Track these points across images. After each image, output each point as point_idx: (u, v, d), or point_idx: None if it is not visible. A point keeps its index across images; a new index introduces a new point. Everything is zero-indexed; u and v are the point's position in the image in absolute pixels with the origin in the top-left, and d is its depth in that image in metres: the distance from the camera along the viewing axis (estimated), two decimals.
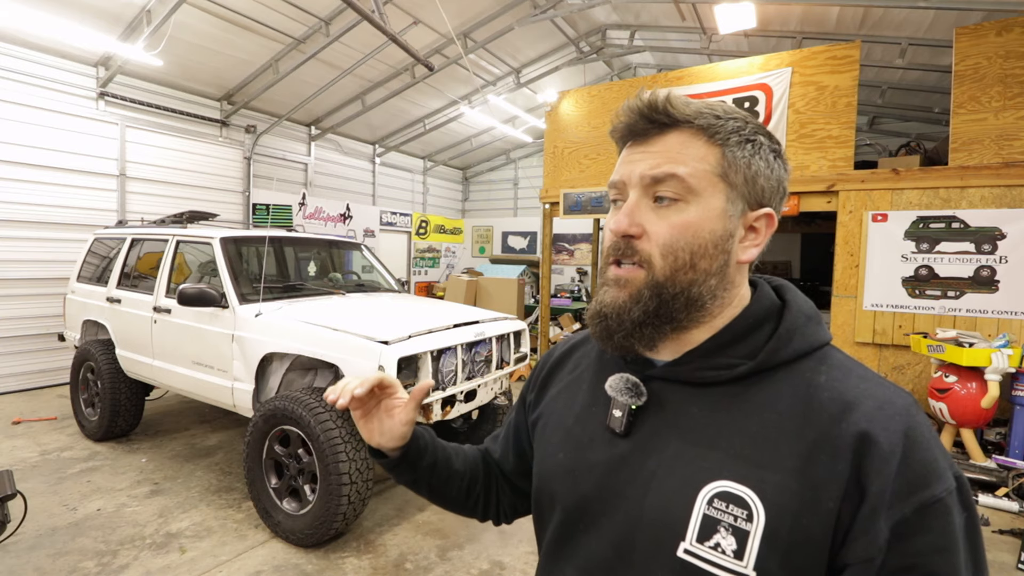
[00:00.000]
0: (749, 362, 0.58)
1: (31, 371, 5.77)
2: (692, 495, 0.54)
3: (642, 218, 0.59)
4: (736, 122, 0.59)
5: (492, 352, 3.45)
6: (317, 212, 9.00)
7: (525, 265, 9.69)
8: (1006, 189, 4.31)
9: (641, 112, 0.60)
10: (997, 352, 3.72)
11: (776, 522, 0.50)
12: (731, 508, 0.52)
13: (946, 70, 5.64)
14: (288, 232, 4.57)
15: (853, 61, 4.93)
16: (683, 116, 0.58)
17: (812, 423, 0.53)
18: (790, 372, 0.57)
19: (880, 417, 0.51)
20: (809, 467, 0.51)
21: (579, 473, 0.64)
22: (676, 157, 0.58)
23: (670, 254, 0.58)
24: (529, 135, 10.58)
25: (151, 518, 3.11)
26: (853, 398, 0.53)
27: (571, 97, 6.75)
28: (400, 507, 3.34)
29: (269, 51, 6.55)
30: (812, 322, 0.61)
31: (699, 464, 0.56)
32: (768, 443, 0.54)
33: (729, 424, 0.56)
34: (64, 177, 5.85)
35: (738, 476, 0.53)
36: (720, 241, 0.59)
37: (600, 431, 0.65)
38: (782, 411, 0.55)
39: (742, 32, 6.34)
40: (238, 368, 3.26)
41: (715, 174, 0.58)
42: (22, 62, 5.52)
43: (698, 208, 0.58)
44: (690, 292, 0.59)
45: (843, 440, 0.51)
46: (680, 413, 0.60)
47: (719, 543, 0.52)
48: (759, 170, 0.59)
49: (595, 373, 0.72)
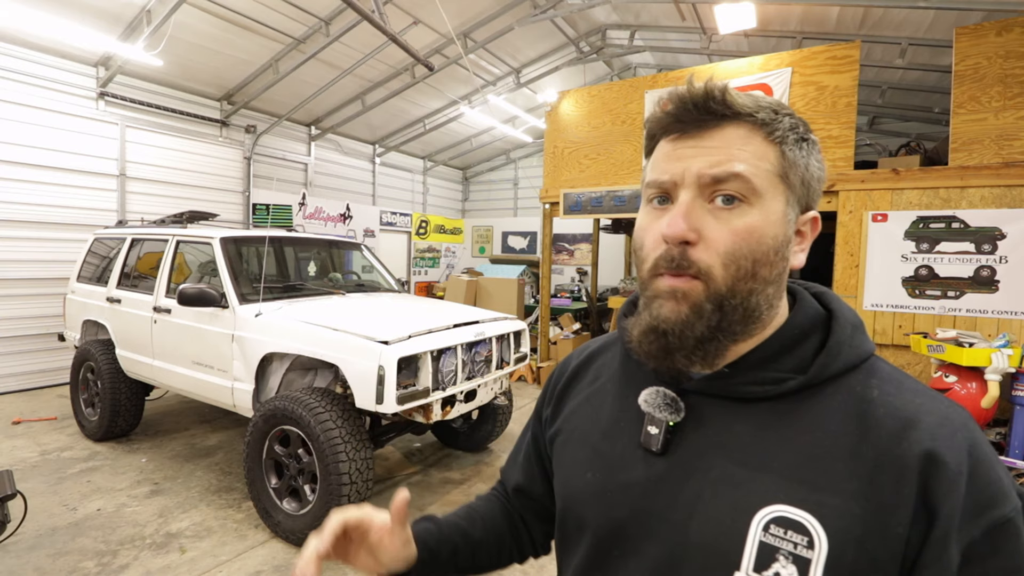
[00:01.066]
0: (799, 376, 0.54)
1: (31, 371, 5.77)
2: (746, 520, 0.50)
3: (699, 222, 0.53)
4: (792, 119, 0.55)
5: (492, 352, 3.45)
6: (317, 212, 9.00)
7: (525, 265, 9.69)
8: (1006, 189, 4.32)
9: (696, 102, 0.53)
10: (997, 352, 3.72)
11: (839, 549, 0.47)
12: (790, 535, 0.48)
13: (946, 70, 5.65)
14: (288, 232, 4.57)
15: (853, 61, 4.93)
16: (744, 108, 0.53)
17: (869, 442, 0.49)
18: (839, 387, 0.54)
19: (943, 435, 0.48)
20: (872, 489, 0.48)
21: (612, 495, 0.59)
22: (738, 154, 0.52)
23: (732, 263, 0.52)
24: (529, 135, 10.58)
25: (151, 518, 3.11)
26: (911, 414, 0.50)
27: (571, 97, 6.75)
28: None
29: (269, 51, 6.55)
30: (858, 332, 0.57)
31: (750, 487, 0.51)
32: (824, 464, 0.50)
33: (779, 443, 0.52)
34: (64, 177, 5.85)
35: (795, 500, 0.49)
36: (781, 247, 0.54)
37: (632, 449, 0.60)
38: (835, 429, 0.51)
39: (742, 32, 6.34)
40: (238, 368, 3.26)
41: (776, 174, 0.54)
42: (22, 62, 5.52)
43: (761, 211, 0.53)
44: (749, 302, 0.54)
45: (907, 460, 0.47)
46: (723, 430, 0.55)
47: (779, 573, 0.48)
48: (812, 171, 0.56)
49: (620, 385, 0.67)
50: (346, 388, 3.09)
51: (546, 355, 6.98)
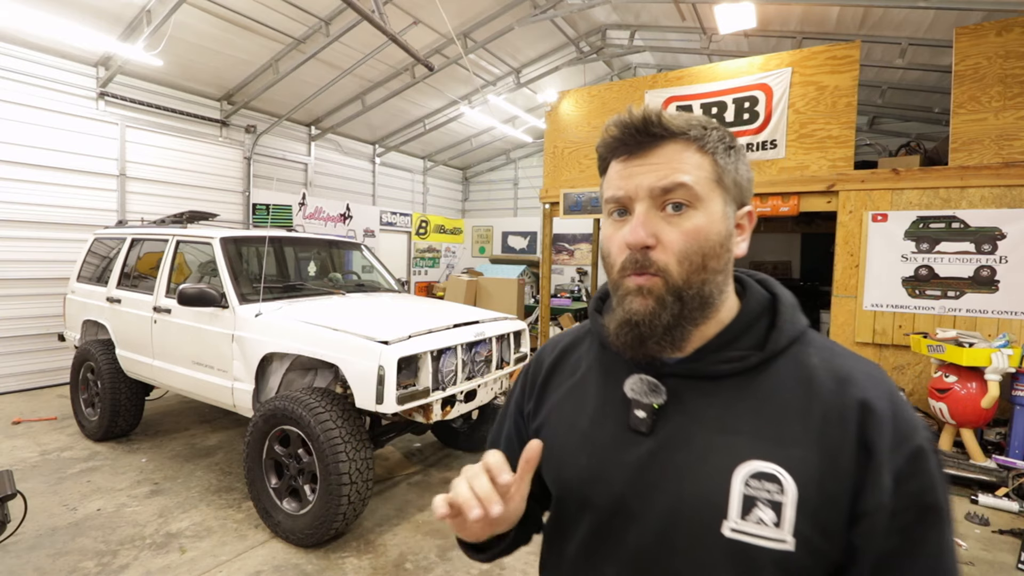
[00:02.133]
0: (758, 353, 0.64)
1: (31, 371, 5.77)
2: (727, 477, 0.59)
3: (655, 228, 0.62)
4: (719, 131, 0.65)
5: (492, 352, 3.45)
6: (317, 212, 9.00)
7: (525, 265, 9.69)
8: (1006, 189, 4.31)
9: (636, 127, 0.63)
10: (997, 352, 3.72)
11: (804, 491, 0.57)
12: (765, 484, 0.58)
13: (946, 70, 5.65)
14: (288, 232, 4.57)
15: (853, 61, 4.93)
16: (677, 128, 0.62)
17: (817, 399, 0.60)
18: (787, 358, 0.64)
19: (871, 387, 0.60)
20: (823, 438, 0.58)
21: (610, 474, 0.66)
22: (679, 167, 0.62)
23: (685, 260, 0.62)
24: (529, 135, 10.58)
25: (151, 518, 3.11)
26: (845, 373, 0.61)
27: (571, 97, 6.75)
28: (400, 507, 3.34)
29: (269, 51, 6.55)
30: (796, 311, 0.68)
31: (728, 450, 0.61)
32: (785, 423, 0.60)
33: (747, 411, 0.62)
34: (64, 177, 5.85)
35: (766, 456, 0.59)
36: (724, 240, 0.64)
37: (620, 432, 0.67)
38: (789, 393, 0.62)
39: (742, 32, 6.34)
40: (238, 368, 3.26)
41: (712, 180, 0.63)
42: (22, 62, 5.53)
43: (705, 213, 0.62)
44: (703, 291, 0.63)
45: (847, 409, 0.59)
46: (700, 406, 0.64)
47: (760, 517, 0.57)
48: (741, 173, 0.66)
49: (601, 375, 0.73)
50: (346, 388, 3.09)
51: None
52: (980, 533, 3.14)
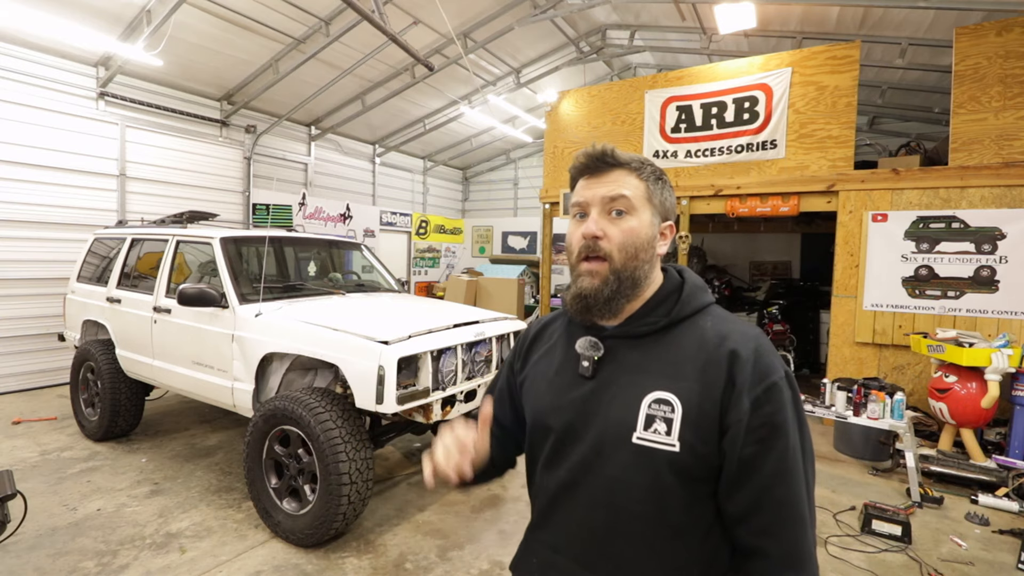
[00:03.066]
0: (665, 319, 0.89)
1: (31, 371, 5.77)
2: (637, 403, 0.84)
3: (604, 226, 0.89)
4: (651, 167, 0.92)
5: (492, 352, 3.45)
6: (317, 212, 9.00)
7: (525, 265, 9.69)
8: (1006, 189, 4.31)
9: (598, 158, 0.91)
10: (997, 352, 3.72)
11: (687, 409, 0.81)
12: (661, 407, 0.83)
13: (946, 70, 5.64)
14: (288, 232, 4.57)
15: (853, 61, 4.93)
16: (623, 161, 0.91)
17: (703, 350, 0.85)
18: (690, 323, 0.89)
19: (741, 340, 0.84)
20: (703, 376, 0.82)
21: (564, 407, 0.93)
22: (623, 185, 0.89)
23: (623, 249, 0.88)
24: (529, 135, 10.58)
25: (151, 518, 3.11)
26: (726, 332, 0.86)
27: (571, 97, 6.75)
28: (400, 507, 3.34)
29: (269, 51, 6.55)
30: (701, 291, 0.94)
31: (640, 384, 0.86)
32: (680, 366, 0.85)
33: (656, 359, 0.88)
34: (64, 177, 5.85)
35: (664, 387, 0.84)
36: (650, 239, 0.91)
37: (573, 377, 0.94)
38: (687, 346, 0.86)
39: (742, 32, 6.34)
40: (238, 368, 3.26)
41: (644, 197, 0.90)
42: (22, 62, 5.52)
43: (638, 219, 0.89)
44: (635, 274, 0.89)
45: (721, 356, 0.82)
46: (625, 357, 0.90)
47: (657, 428, 0.82)
48: (666, 197, 0.94)
49: (565, 340, 1.00)
50: (346, 388, 3.09)
51: None
52: (980, 533, 3.14)
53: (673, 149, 5.99)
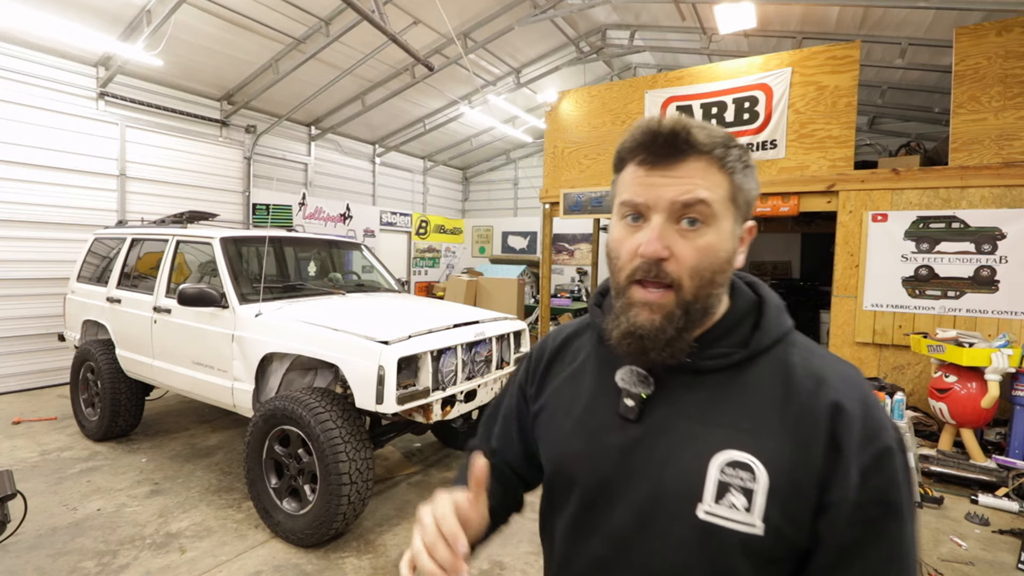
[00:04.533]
0: (742, 351, 0.68)
1: (31, 371, 5.77)
2: (704, 465, 0.64)
3: (670, 241, 0.64)
4: (738, 149, 0.66)
5: (492, 352, 3.45)
6: (317, 212, 9.00)
7: (525, 265, 9.69)
8: (1006, 189, 4.31)
9: (664, 137, 0.64)
10: (997, 352, 3.72)
11: (775, 479, 0.61)
12: (738, 472, 0.62)
13: (946, 70, 5.64)
14: (288, 232, 4.57)
15: (853, 61, 4.93)
16: (703, 147, 0.64)
17: (793, 396, 0.64)
18: (770, 356, 0.68)
19: (844, 388, 0.64)
20: (796, 433, 0.62)
21: (597, 457, 0.72)
22: (702, 184, 0.64)
23: (696, 275, 0.64)
24: (529, 135, 10.58)
25: (151, 518, 3.11)
26: (822, 374, 0.65)
27: (571, 97, 6.75)
28: (400, 507, 3.34)
29: (269, 51, 6.55)
30: (781, 312, 0.72)
31: (707, 439, 0.65)
32: (761, 416, 0.64)
33: (728, 404, 0.66)
34: (64, 177, 5.85)
35: (741, 446, 0.63)
36: (731, 257, 0.67)
37: (611, 418, 0.72)
38: (768, 389, 0.66)
39: (742, 32, 6.34)
40: (238, 368, 3.26)
41: (728, 199, 0.66)
42: (22, 62, 5.52)
43: (717, 231, 0.65)
44: (707, 303, 0.67)
45: (820, 409, 0.62)
46: (684, 398, 0.69)
47: (732, 502, 0.62)
48: (751, 191, 0.68)
49: (597, 365, 0.78)
50: (346, 388, 3.09)
51: None
52: (980, 533, 3.14)
53: None
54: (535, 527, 0.86)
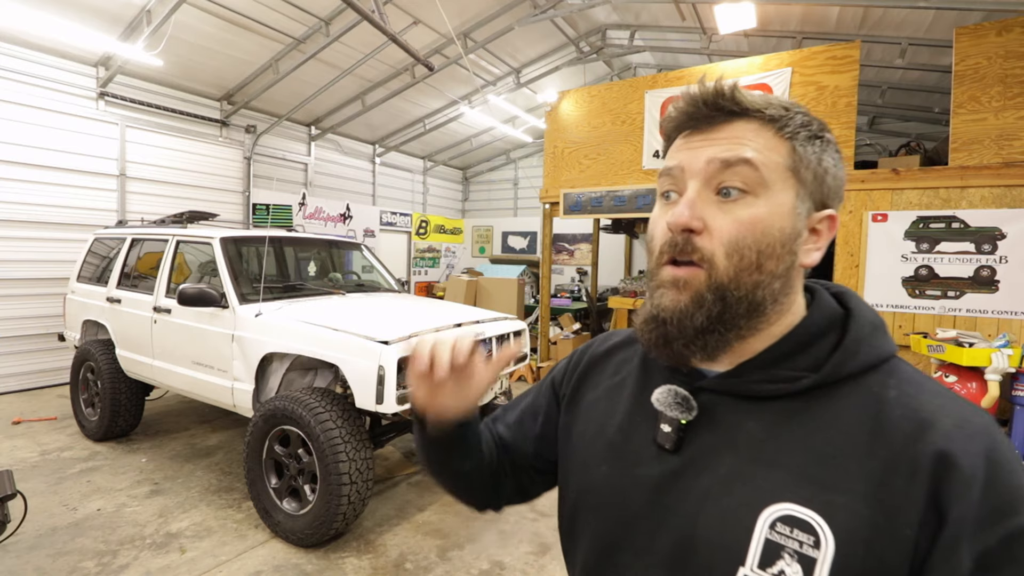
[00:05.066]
0: (812, 375, 0.53)
1: (31, 371, 5.77)
2: (752, 517, 0.50)
3: (704, 211, 0.54)
4: (804, 116, 0.56)
5: (492, 352, 3.44)
6: (317, 212, 9.00)
7: (525, 265, 9.69)
8: (1006, 189, 4.31)
9: (705, 100, 0.55)
10: (997, 352, 3.72)
11: (846, 549, 0.46)
12: (796, 533, 0.48)
13: (946, 70, 5.64)
14: (288, 232, 4.57)
15: (853, 61, 4.93)
16: (752, 105, 0.54)
17: (883, 442, 0.48)
18: (857, 386, 0.53)
19: (959, 437, 0.47)
20: (881, 490, 0.47)
21: (626, 488, 0.61)
22: (748, 143, 0.54)
23: (735, 253, 0.53)
24: (529, 135, 10.58)
25: (151, 518, 3.11)
26: (928, 415, 0.49)
27: (571, 97, 6.75)
28: (400, 507, 3.34)
29: (269, 51, 6.54)
30: (879, 332, 0.56)
31: (758, 484, 0.52)
32: (835, 463, 0.49)
33: (791, 441, 0.52)
34: (64, 177, 5.85)
35: (803, 498, 0.49)
36: (788, 240, 0.54)
37: (646, 445, 0.61)
38: (849, 428, 0.50)
39: (742, 32, 6.34)
40: (238, 368, 3.26)
41: (786, 167, 0.54)
42: (22, 62, 5.52)
43: (767, 203, 0.53)
44: (754, 296, 0.54)
45: (919, 461, 0.46)
46: (735, 428, 0.56)
47: (783, 571, 0.48)
48: (828, 168, 0.56)
49: (638, 381, 0.67)
50: (346, 388, 3.09)
51: (546, 355, 6.98)
52: None
53: None
54: (535, 527, 0.86)
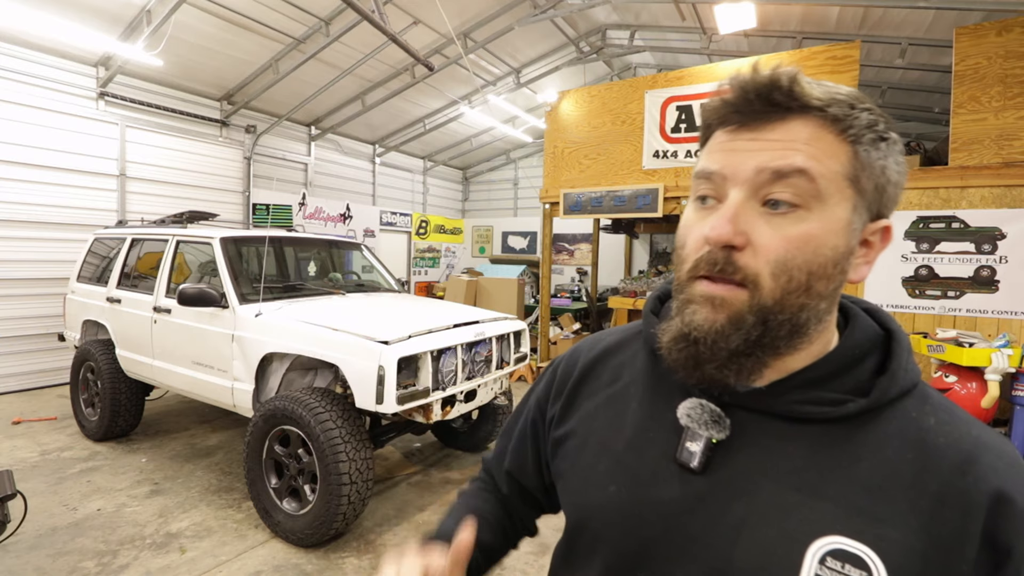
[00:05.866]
0: (859, 399, 0.50)
1: (31, 371, 5.77)
2: (799, 551, 0.46)
3: (748, 225, 0.48)
4: (871, 114, 0.49)
5: (492, 352, 3.45)
6: (317, 212, 9.00)
7: (525, 265, 9.69)
8: (1006, 189, 4.31)
9: (759, 91, 0.48)
10: (997, 352, 3.72)
11: None
12: (847, 569, 0.45)
13: (946, 70, 5.64)
14: (288, 232, 4.57)
15: (853, 61, 4.93)
16: (814, 101, 0.47)
17: (932, 472, 0.46)
18: (895, 412, 0.50)
19: (1006, 471, 0.46)
20: (934, 523, 0.45)
21: (641, 512, 0.54)
22: (803, 149, 0.47)
23: (783, 274, 0.47)
24: (529, 135, 10.58)
25: (151, 518, 3.11)
26: (971, 446, 0.48)
27: (571, 97, 6.75)
28: (400, 507, 3.34)
29: (269, 51, 6.54)
30: (911, 356, 0.53)
31: (804, 515, 0.48)
32: (884, 494, 0.46)
33: (835, 469, 0.48)
34: (64, 177, 5.85)
35: (853, 531, 0.46)
36: (841, 259, 0.49)
37: (664, 463, 0.55)
38: (895, 457, 0.48)
39: (742, 32, 6.34)
40: (238, 368, 3.26)
41: (845, 177, 0.48)
42: (22, 62, 5.52)
43: (821, 218, 0.47)
44: (798, 318, 0.49)
45: (974, 496, 0.45)
46: (774, 451, 0.51)
47: None
48: (890, 176, 0.51)
49: (648, 390, 0.61)
50: (346, 388, 3.09)
51: (546, 355, 6.98)
52: None
53: (673, 149, 5.98)
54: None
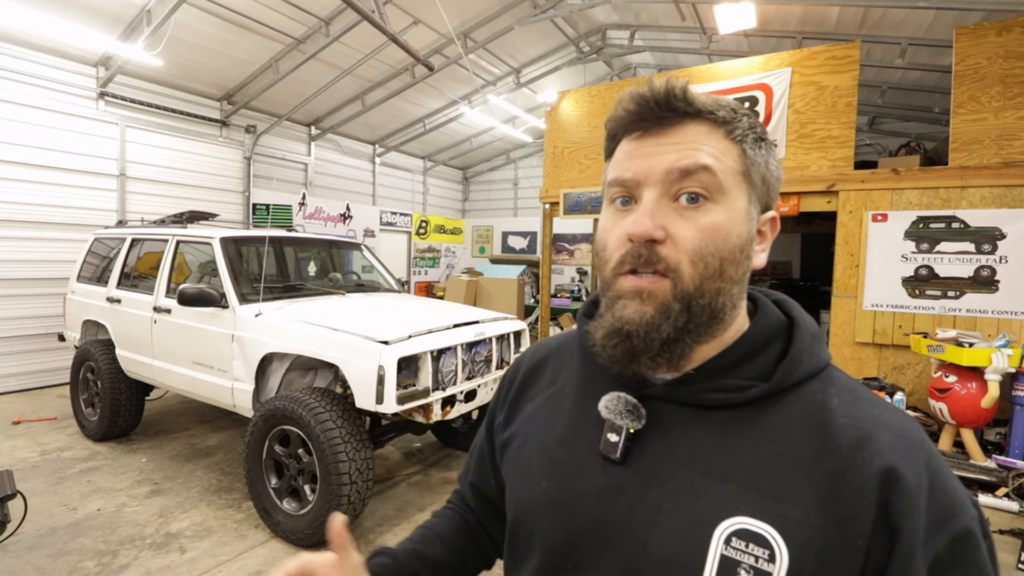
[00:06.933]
0: (762, 384, 0.53)
1: (31, 371, 5.77)
2: (707, 533, 0.49)
3: (665, 220, 0.52)
4: (749, 119, 0.55)
5: (492, 352, 3.45)
6: (317, 212, 9.00)
7: (525, 265, 9.69)
8: (1006, 189, 4.31)
9: (657, 100, 0.53)
10: (997, 352, 3.72)
11: (800, 562, 0.46)
12: (751, 547, 0.47)
13: (946, 70, 5.64)
14: (288, 232, 4.57)
15: (853, 61, 4.93)
16: (704, 107, 0.53)
17: (831, 451, 0.49)
18: (799, 395, 0.53)
19: (901, 448, 0.49)
20: (831, 500, 0.47)
21: (568, 504, 0.57)
22: (703, 149, 0.52)
23: (700, 261, 0.52)
24: (529, 135, 10.58)
25: (151, 518, 3.11)
26: (870, 425, 0.50)
27: (571, 97, 6.75)
28: (400, 507, 3.34)
29: (269, 51, 6.55)
30: (818, 341, 0.57)
31: (711, 497, 0.50)
32: (785, 474, 0.49)
33: (741, 452, 0.51)
34: (64, 177, 5.85)
35: (756, 511, 0.48)
36: (746, 245, 0.54)
37: (590, 456, 0.58)
38: (797, 438, 0.51)
39: (742, 32, 6.34)
40: (238, 368, 3.26)
41: (739, 172, 0.54)
42: (22, 62, 5.52)
43: (726, 209, 0.53)
44: (716, 302, 0.53)
45: (867, 473, 0.47)
46: (684, 439, 0.54)
47: None
48: (771, 171, 0.56)
49: (579, 389, 0.64)
50: (346, 388, 3.09)
51: None
52: None
53: None
54: None
